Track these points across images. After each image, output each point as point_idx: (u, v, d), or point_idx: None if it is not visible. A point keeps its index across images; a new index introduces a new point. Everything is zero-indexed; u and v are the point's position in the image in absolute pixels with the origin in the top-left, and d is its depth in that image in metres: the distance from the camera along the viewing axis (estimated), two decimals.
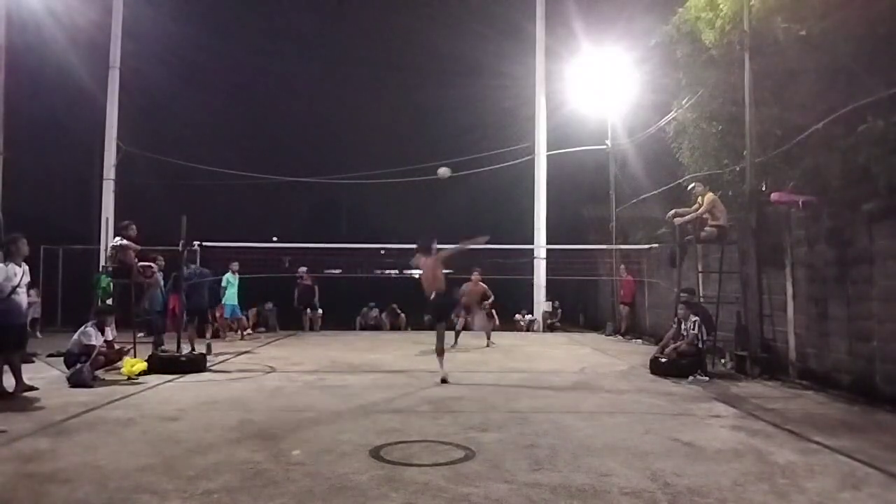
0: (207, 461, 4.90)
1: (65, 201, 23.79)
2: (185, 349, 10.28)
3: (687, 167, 12.38)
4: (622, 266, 17.17)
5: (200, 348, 11.02)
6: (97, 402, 7.18)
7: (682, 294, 10.33)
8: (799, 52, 9.22)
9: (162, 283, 12.05)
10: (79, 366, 8.38)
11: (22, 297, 7.69)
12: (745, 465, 4.95)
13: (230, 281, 15.21)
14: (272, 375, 9.52)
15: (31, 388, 7.78)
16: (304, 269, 17.82)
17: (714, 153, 11.55)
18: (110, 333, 9.42)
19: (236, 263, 15.39)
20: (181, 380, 8.88)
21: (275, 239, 20.83)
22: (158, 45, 20.85)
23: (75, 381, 8.22)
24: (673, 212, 10.74)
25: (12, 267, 7.58)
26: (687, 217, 10.41)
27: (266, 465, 4.82)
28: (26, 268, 7.83)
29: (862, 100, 7.94)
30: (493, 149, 20.55)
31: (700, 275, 11.74)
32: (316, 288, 18.42)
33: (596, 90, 18.03)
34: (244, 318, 16.17)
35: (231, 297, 15.26)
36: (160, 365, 9.38)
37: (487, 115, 23.45)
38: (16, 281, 7.54)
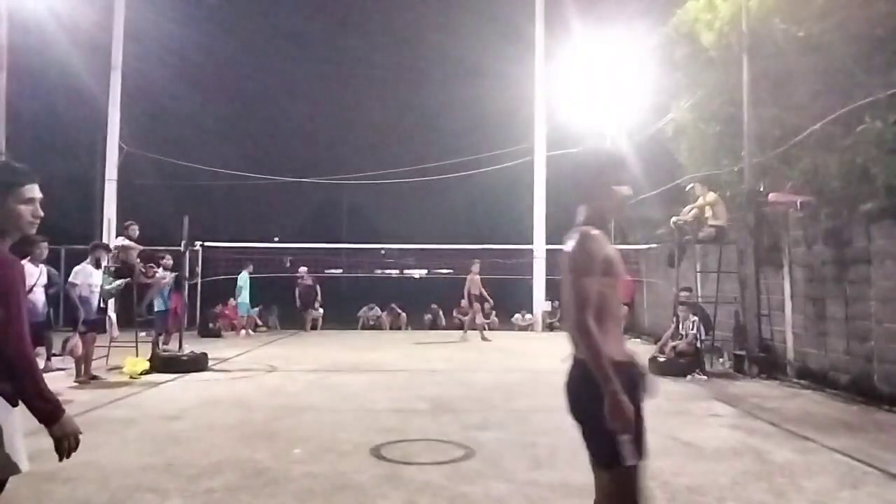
0: (209, 460, 4.94)
1: (67, 201, 23.78)
2: (187, 349, 10.29)
3: (685, 168, 12.40)
4: None
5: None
6: (99, 401, 7.21)
7: (681, 293, 10.36)
8: (797, 53, 9.24)
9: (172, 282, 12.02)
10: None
11: (38, 297, 8.02)
12: (743, 464, 4.98)
13: (246, 281, 15.65)
14: (273, 374, 9.55)
15: None
16: (304, 268, 17.92)
17: (712, 154, 11.57)
18: (115, 331, 9.48)
19: (251, 265, 15.92)
20: (183, 379, 8.91)
21: (276, 239, 20.83)
22: (160, 46, 20.88)
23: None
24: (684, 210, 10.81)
25: (30, 266, 7.82)
26: (690, 213, 10.43)
27: (267, 464, 4.85)
28: (43, 269, 8.25)
29: (860, 100, 7.96)
30: (493, 149, 20.59)
31: (698, 275, 11.76)
32: (317, 287, 18.45)
33: (595, 91, 18.03)
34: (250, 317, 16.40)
35: (245, 296, 15.68)
36: (162, 364, 9.42)
37: (487, 115, 23.49)
38: (33, 280, 7.83)
